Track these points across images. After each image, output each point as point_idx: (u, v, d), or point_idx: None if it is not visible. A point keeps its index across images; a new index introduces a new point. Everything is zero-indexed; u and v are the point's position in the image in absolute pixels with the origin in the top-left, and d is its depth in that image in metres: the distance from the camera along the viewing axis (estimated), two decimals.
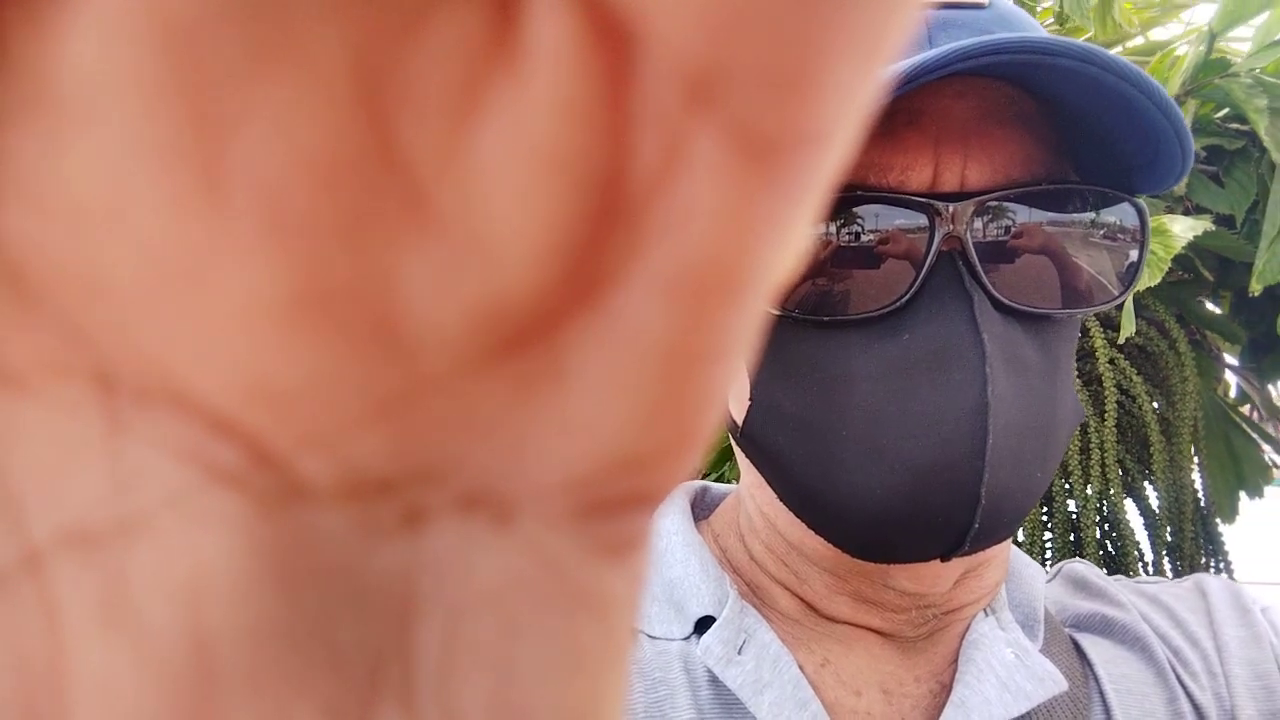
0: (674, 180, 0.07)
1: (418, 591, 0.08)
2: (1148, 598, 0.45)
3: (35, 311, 0.07)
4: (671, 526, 0.44)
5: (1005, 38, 0.33)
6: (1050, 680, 0.39)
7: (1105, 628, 0.43)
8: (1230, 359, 1.04)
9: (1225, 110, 0.82)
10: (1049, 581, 0.47)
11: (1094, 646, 0.42)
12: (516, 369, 0.08)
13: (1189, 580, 0.46)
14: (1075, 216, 0.37)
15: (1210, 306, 0.97)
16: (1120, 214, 0.38)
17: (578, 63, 0.07)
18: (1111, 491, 0.85)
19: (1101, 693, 0.41)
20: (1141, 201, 0.38)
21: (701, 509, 0.47)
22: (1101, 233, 0.37)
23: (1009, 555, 0.44)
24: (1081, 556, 0.85)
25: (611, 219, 0.07)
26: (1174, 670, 0.41)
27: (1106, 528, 0.87)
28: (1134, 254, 0.38)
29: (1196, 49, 0.77)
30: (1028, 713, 0.38)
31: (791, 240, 0.08)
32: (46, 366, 0.07)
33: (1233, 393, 1.09)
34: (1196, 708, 0.40)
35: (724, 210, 0.07)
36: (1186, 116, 0.81)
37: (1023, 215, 0.36)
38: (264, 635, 0.08)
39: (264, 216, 0.07)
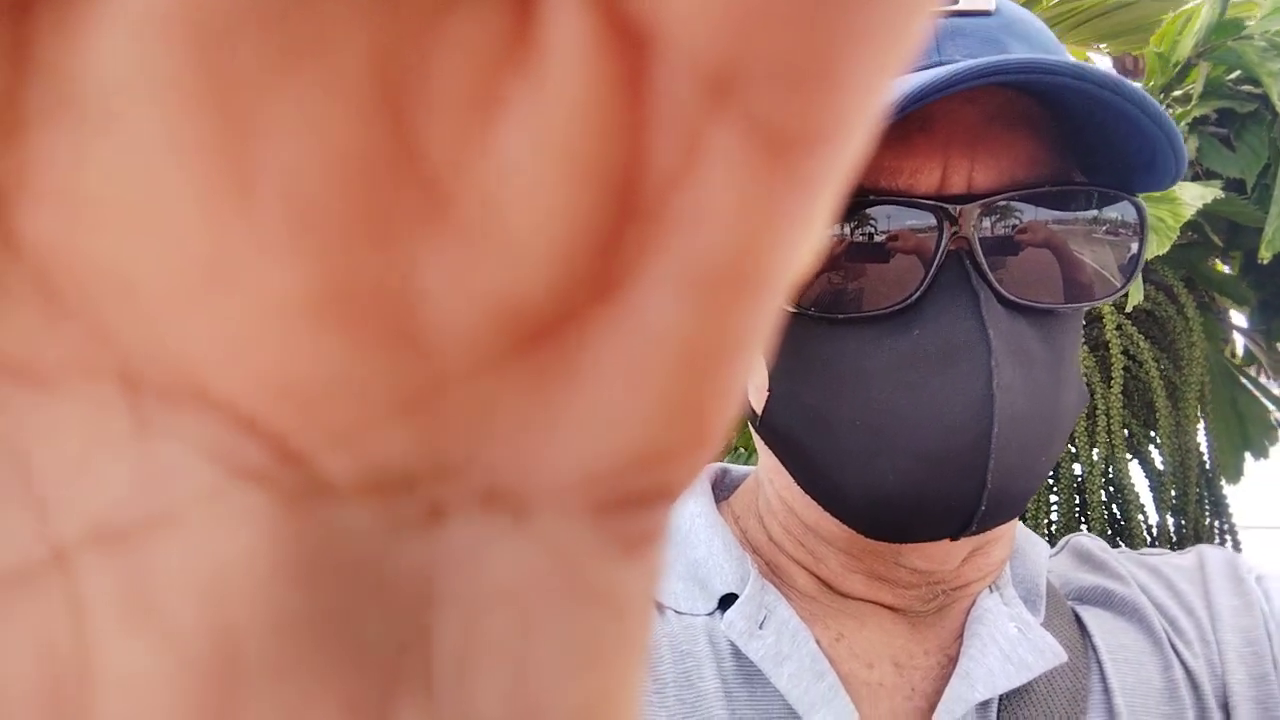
0: (692, 177, 0.07)
1: (438, 587, 0.08)
2: (1149, 569, 0.46)
3: (63, 311, 0.07)
4: (695, 508, 0.45)
5: (1006, 60, 0.34)
6: (1050, 652, 0.40)
7: (1105, 600, 0.45)
8: (1238, 318, 1.04)
9: (1237, 73, 0.81)
10: (1055, 555, 0.48)
11: (1094, 618, 0.44)
12: (536, 365, 0.08)
13: (1192, 551, 0.48)
14: (1077, 215, 0.38)
15: (1220, 267, 0.97)
16: (1121, 211, 0.39)
17: (595, 61, 0.07)
18: (1116, 455, 0.85)
19: (1099, 662, 0.42)
20: (1140, 200, 0.39)
21: (722, 490, 0.49)
22: (1103, 229, 0.39)
23: (1014, 534, 0.45)
24: (1087, 519, 0.86)
25: (630, 216, 0.07)
26: (1169, 639, 0.43)
27: (1112, 490, 0.88)
28: (1134, 248, 0.39)
29: (1211, 9, 0.75)
30: (1029, 683, 0.40)
31: (809, 236, 0.08)
32: (74, 365, 0.07)
33: (1238, 352, 1.08)
34: (1189, 674, 0.42)
35: (742, 207, 0.07)
36: (1199, 80, 0.80)
37: (1027, 215, 0.37)
38: (287, 630, 0.08)
39: (289, 216, 0.07)
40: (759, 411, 0.41)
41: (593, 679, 0.09)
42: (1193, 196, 0.71)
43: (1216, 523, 0.90)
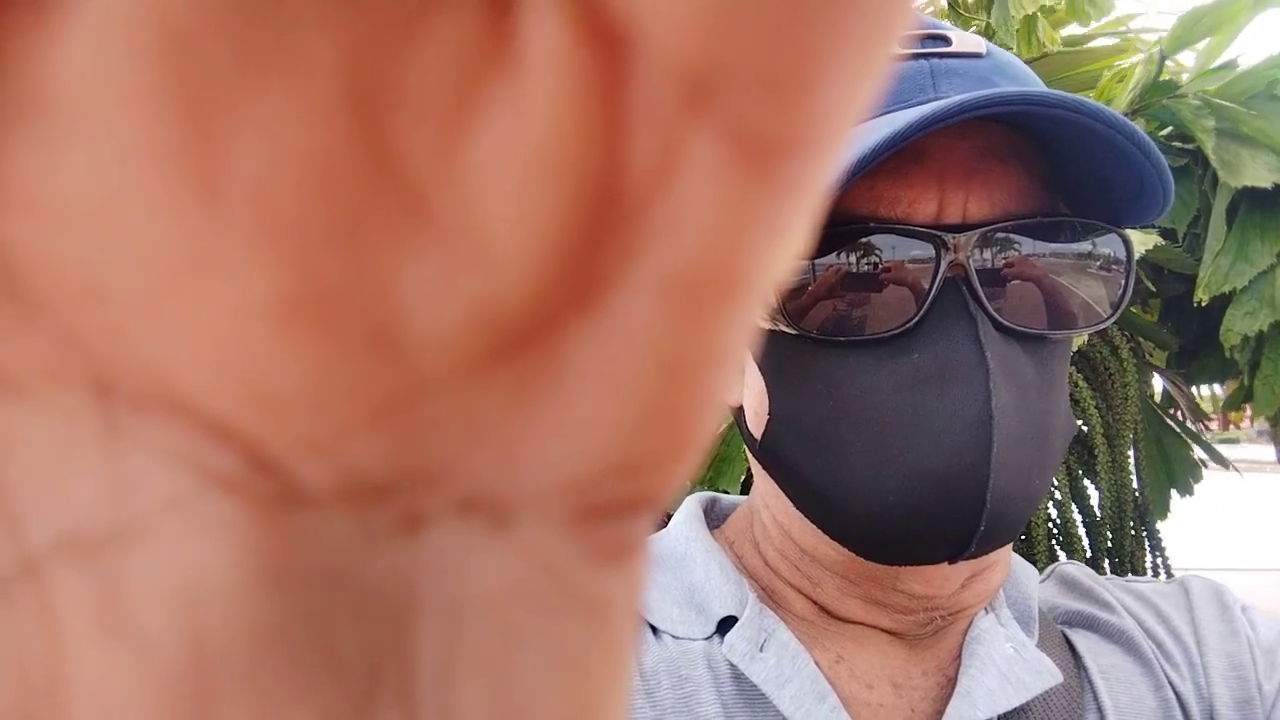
0: (670, 183, 0.07)
1: (416, 596, 0.08)
2: (1135, 595, 0.48)
3: (31, 318, 0.07)
4: (689, 533, 0.45)
5: (1007, 92, 0.36)
6: (1047, 673, 0.41)
7: (1093, 624, 0.46)
8: (1154, 362, 1.10)
9: (1169, 129, 0.86)
10: (1042, 582, 0.49)
11: (1084, 640, 0.45)
12: (514, 372, 0.08)
13: (1176, 580, 0.49)
14: (1067, 246, 0.40)
15: (1140, 313, 1.02)
16: (1108, 244, 0.41)
17: (572, 66, 0.07)
18: (1058, 496, 0.88)
19: (1091, 682, 0.43)
20: (1127, 233, 0.41)
21: (713, 518, 0.49)
22: (1091, 261, 0.41)
23: (1009, 558, 0.46)
24: (1033, 556, 0.88)
25: (607, 222, 0.07)
26: (1159, 662, 0.44)
27: (1055, 530, 0.90)
28: (1121, 280, 0.41)
29: (1146, 70, 0.80)
30: (1026, 703, 0.41)
31: (788, 242, 0.08)
32: (43, 373, 0.07)
33: (1157, 395, 1.14)
34: (1179, 696, 0.43)
35: (720, 213, 0.07)
36: None
37: (1020, 245, 0.39)
38: (262, 641, 0.08)
39: (260, 221, 0.07)
40: (758, 436, 0.42)
41: (576, 689, 0.08)
42: (1135, 242, 0.74)
43: (1152, 559, 0.93)
